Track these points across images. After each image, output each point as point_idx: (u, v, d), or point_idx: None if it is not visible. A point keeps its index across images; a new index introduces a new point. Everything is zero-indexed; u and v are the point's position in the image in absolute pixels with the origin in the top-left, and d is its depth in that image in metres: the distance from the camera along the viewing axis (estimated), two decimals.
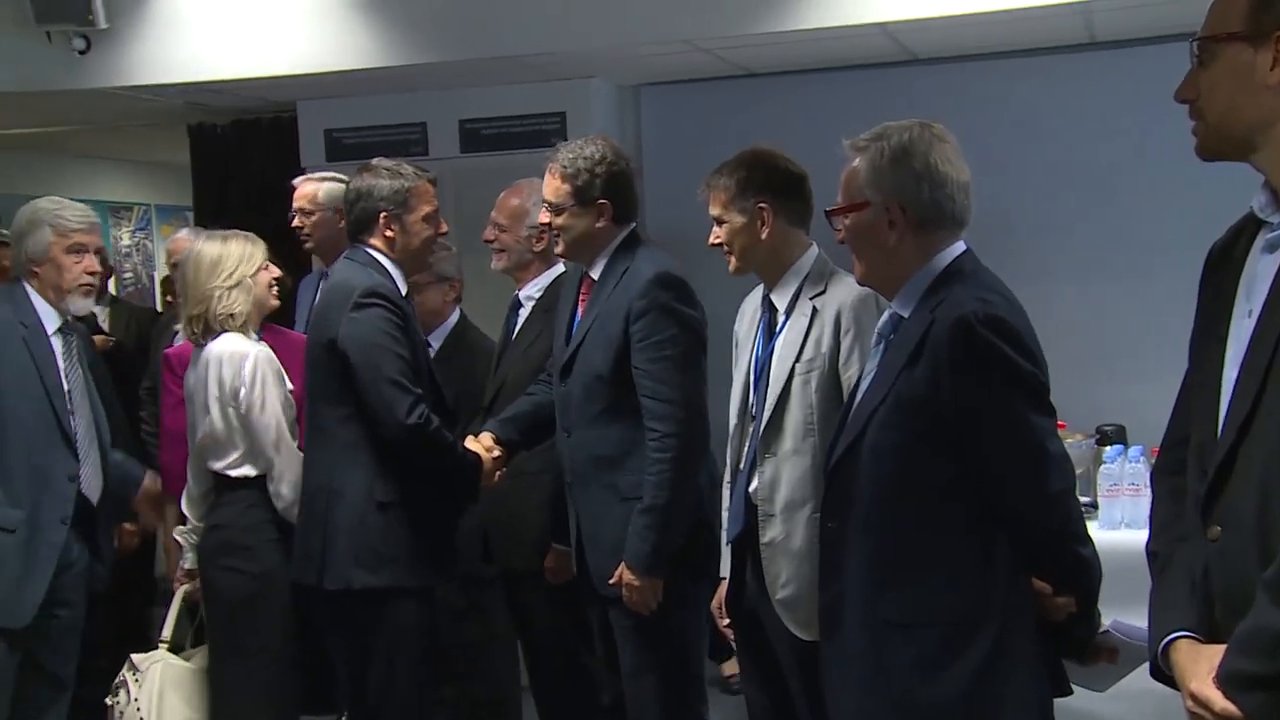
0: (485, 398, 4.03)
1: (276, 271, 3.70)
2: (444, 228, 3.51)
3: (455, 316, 4.31)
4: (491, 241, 4.03)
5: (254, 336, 3.61)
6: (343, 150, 5.81)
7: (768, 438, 3.04)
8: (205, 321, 3.55)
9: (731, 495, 3.15)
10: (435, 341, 4.15)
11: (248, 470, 3.52)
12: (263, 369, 3.49)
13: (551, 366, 3.59)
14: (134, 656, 3.73)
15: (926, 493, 2.23)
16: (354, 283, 3.32)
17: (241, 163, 6.44)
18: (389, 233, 3.40)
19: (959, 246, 2.36)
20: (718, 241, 3.13)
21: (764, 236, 3.09)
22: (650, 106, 5.94)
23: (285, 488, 3.50)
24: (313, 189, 4.51)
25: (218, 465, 3.55)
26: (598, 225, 3.40)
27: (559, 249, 3.51)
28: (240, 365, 3.48)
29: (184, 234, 5.06)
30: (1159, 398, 2.26)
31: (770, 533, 3.03)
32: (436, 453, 3.32)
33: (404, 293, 3.41)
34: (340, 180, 4.68)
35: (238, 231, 3.66)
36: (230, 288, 3.55)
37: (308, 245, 4.54)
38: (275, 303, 3.72)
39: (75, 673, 3.80)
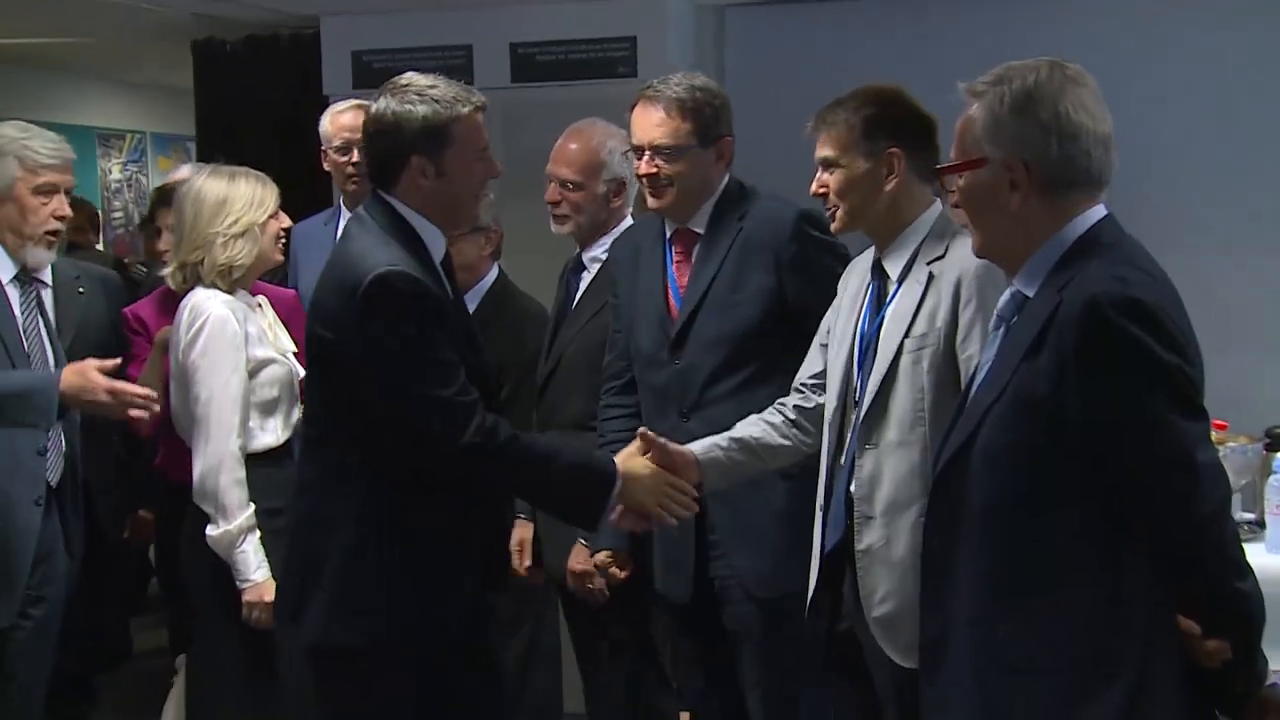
0: (539, 375, 4.04)
1: (286, 221, 3.72)
2: (496, 169, 3.11)
3: (493, 273, 4.32)
4: (557, 203, 4.02)
5: (244, 296, 3.63)
6: (372, 76, 5.79)
7: (869, 425, 3.05)
8: (197, 271, 3.56)
9: (829, 495, 3.15)
10: (470, 304, 4.11)
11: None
12: (212, 336, 3.48)
13: (616, 350, 3.67)
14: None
15: (1048, 510, 2.21)
16: (364, 262, 2.88)
17: (253, 87, 6.49)
18: (422, 181, 2.95)
19: (1097, 211, 2.33)
20: (823, 191, 3.13)
21: (889, 188, 3.09)
22: (736, 30, 5.93)
23: (207, 501, 3.47)
24: (359, 119, 4.52)
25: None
26: (716, 169, 3.52)
27: (662, 201, 3.54)
28: (190, 323, 3.51)
29: (185, 170, 5.13)
30: None
31: (868, 538, 3.04)
32: (513, 470, 2.96)
33: (439, 259, 3.03)
34: None
35: (248, 170, 3.65)
36: (235, 236, 3.55)
37: (354, 189, 4.56)
38: (279, 258, 3.76)
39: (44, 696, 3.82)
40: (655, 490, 3.09)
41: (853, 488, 3.07)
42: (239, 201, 3.56)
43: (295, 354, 3.63)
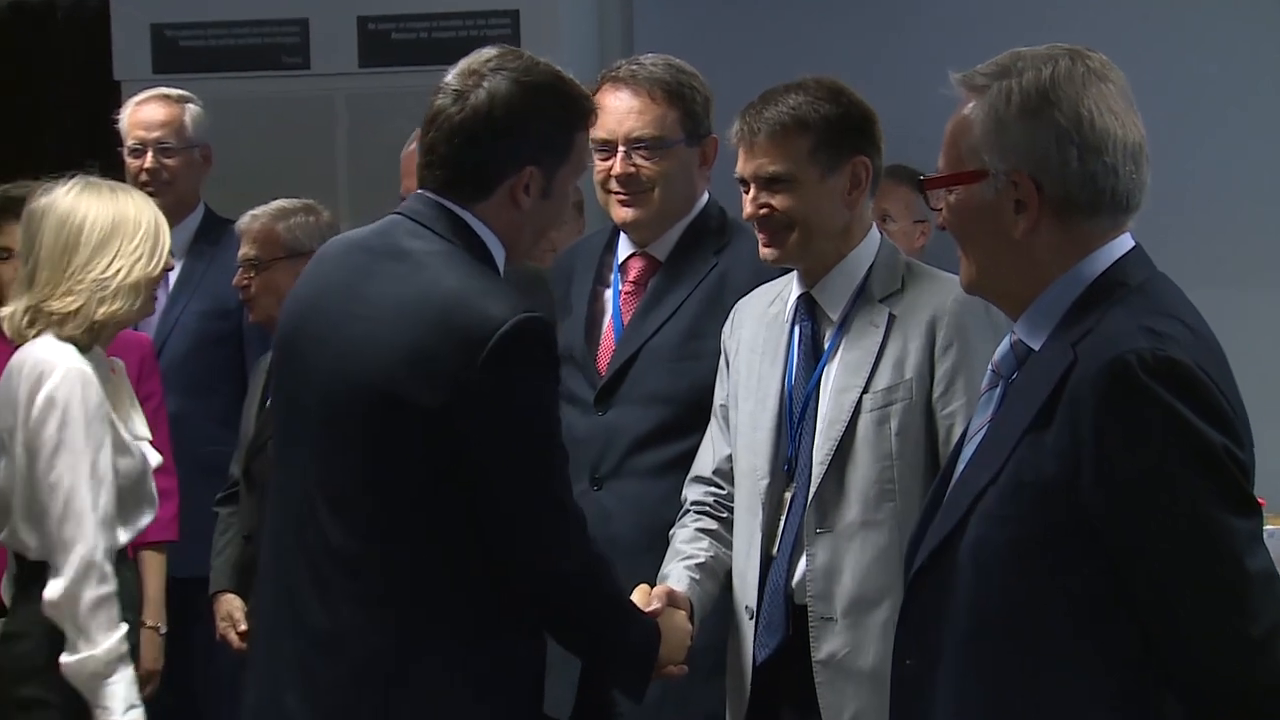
0: None
1: (172, 261, 3.67)
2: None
3: None
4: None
5: (98, 356, 3.51)
6: (177, 56, 5.77)
7: (822, 505, 3.09)
8: (54, 320, 3.43)
9: (761, 593, 3.16)
10: None
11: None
12: (72, 404, 3.36)
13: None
14: None
15: (1056, 627, 2.18)
16: (480, 302, 2.69)
17: (18, 68, 6.42)
18: (524, 198, 2.79)
19: (1122, 243, 2.29)
20: (764, 212, 3.16)
21: (851, 207, 3.17)
22: (648, 5, 6.02)
23: (66, 621, 3.36)
24: (172, 112, 4.60)
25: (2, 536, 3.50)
26: (700, 176, 3.60)
27: (641, 211, 3.56)
28: (34, 386, 3.38)
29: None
30: None
31: (829, 645, 3.06)
32: (595, 611, 2.92)
33: None
34: (189, 100, 4.78)
35: (136, 192, 3.57)
36: (122, 287, 3.43)
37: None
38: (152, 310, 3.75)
39: None
40: (681, 646, 3.09)
41: (797, 583, 3.10)
42: (133, 242, 3.46)
43: (152, 440, 3.60)
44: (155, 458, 3.59)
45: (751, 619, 3.18)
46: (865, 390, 3.10)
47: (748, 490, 3.22)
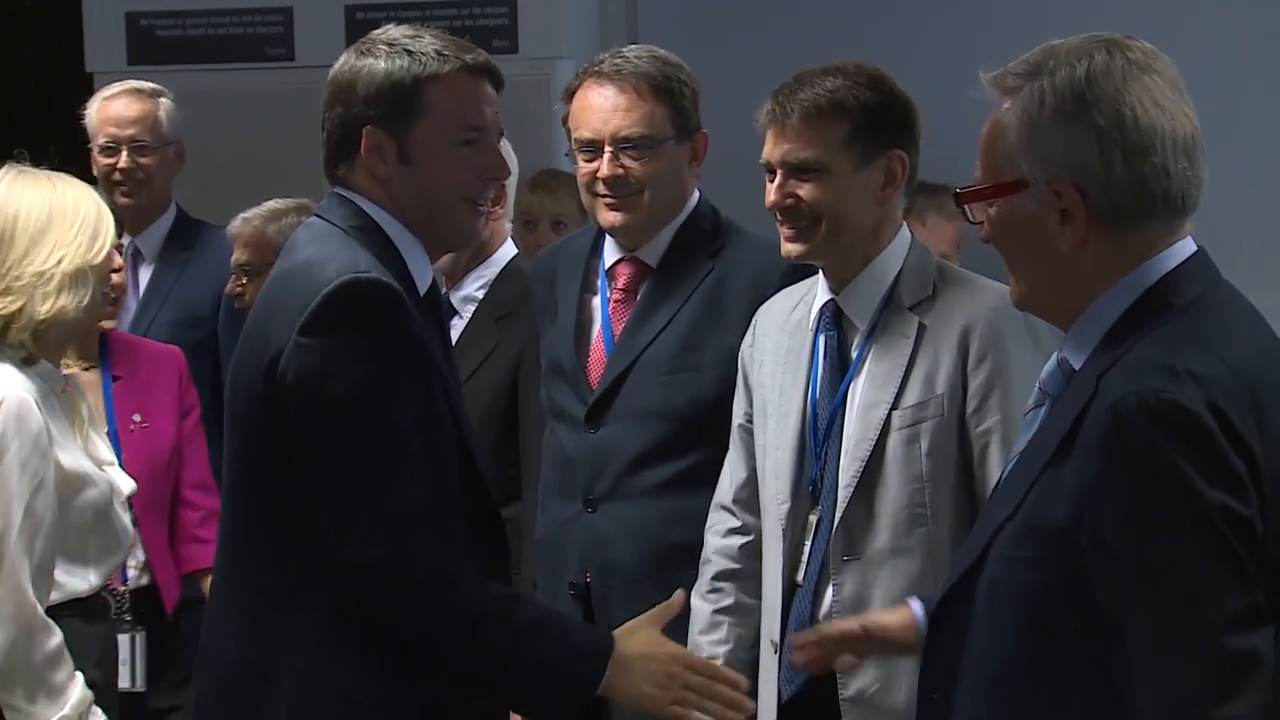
0: None
1: (118, 261, 3.56)
2: (500, 165, 2.83)
3: None
4: None
5: (46, 370, 3.32)
6: (155, 47, 5.79)
7: (848, 532, 3.03)
8: None
9: (785, 624, 3.10)
10: None
11: None
12: (6, 435, 3.15)
13: (522, 412, 3.65)
14: None
15: (1064, 686, 2.11)
16: (321, 269, 2.60)
17: None
18: (380, 166, 2.69)
19: (1181, 250, 2.18)
20: (790, 203, 3.06)
21: (883, 204, 3.10)
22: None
23: (14, 687, 3.16)
24: (146, 108, 4.50)
25: None
26: (690, 174, 3.51)
27: (630, 216, 3.45)
28: None
29: None
30: None
31: (858, 681, 3.00)
32: (434, 621, 2.63)
33: (424, 286, 2.75)
34: (162, 94, 4.68)
35: (68, 177, 3.40)
36: (64, 281, 3.22)
37: (126, 202, 4.57)
38: (109, 323, 3.73)
39: None
40: (660, 676, 2.71)
41: (824, 614, 3.04)
42: (72, 230, 3.26)
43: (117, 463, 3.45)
44: (127, 484, 3.43)
45: (776, 652, 3.13)
46: (894, 406, 3.04)
47: (773, 516, 3.16)
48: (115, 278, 3.71)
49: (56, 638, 3.20)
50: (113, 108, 4.64)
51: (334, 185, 2.75)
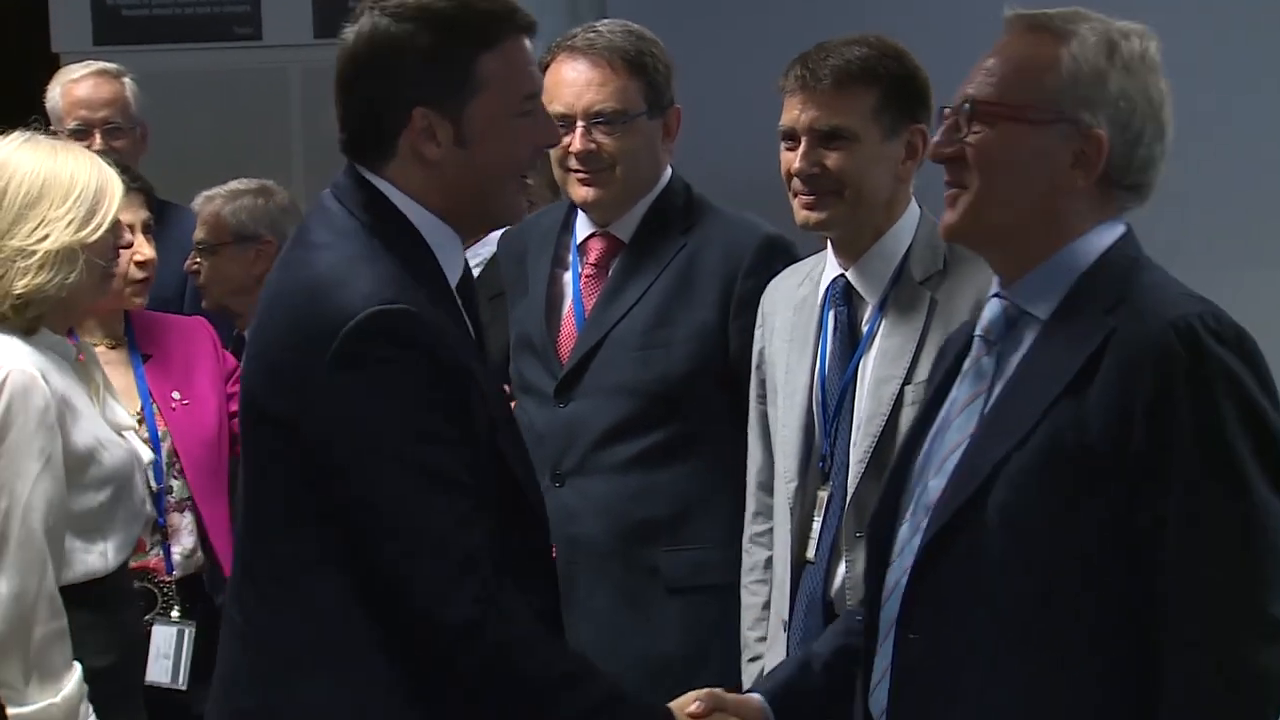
0: None
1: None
2: (556, 133, 2.68)
3: None
4: None
5: (53, 340, 3.24)
6: (122, 27, 5.77)
7: (860, 507, 3.00)
8: None
9: (793, 603, 3.12)
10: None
11: None
12: (11, 411, 3.09)
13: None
14: None
15: (1100, 607, 2.18)
16: (340, 290, 2.38)
17: None
18: (430, 150, 2.43)
19: (1120, 227, 2.32)
20: (815, 171, 3.05)
21: (902, 179, 3.11)
22: None
23: (9, 665, 3.10)
24: (116, 89, 4.48)
25: None
26: (664, 150, 3.49)
27: (603, 192, 3.42)
28: None
29: None
30: None
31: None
32: (509, 688, 2.43)
33: (456, 279, 2.53)
34: (126, 74, 4.64)
35: (82, 150, 3.34)
36: (48, 259, 3.12)
37: None
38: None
39: None
40: None
41: (836, 591, 3.04)
42: (64, 206, 3.15)
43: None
44: (146, 453, 3.39)
45: (785, 631, 3.14)
46: (907, 381, 3.03)
47: (782, 493, 3.18)
48: (142, 254, 3.68)
49: (60, 621, 3.13)
50: (81, 89, 4.60)
51: (355, 163, 2.48)
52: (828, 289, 3.14)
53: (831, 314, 3.13)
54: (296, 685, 2.40)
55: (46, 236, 3.12)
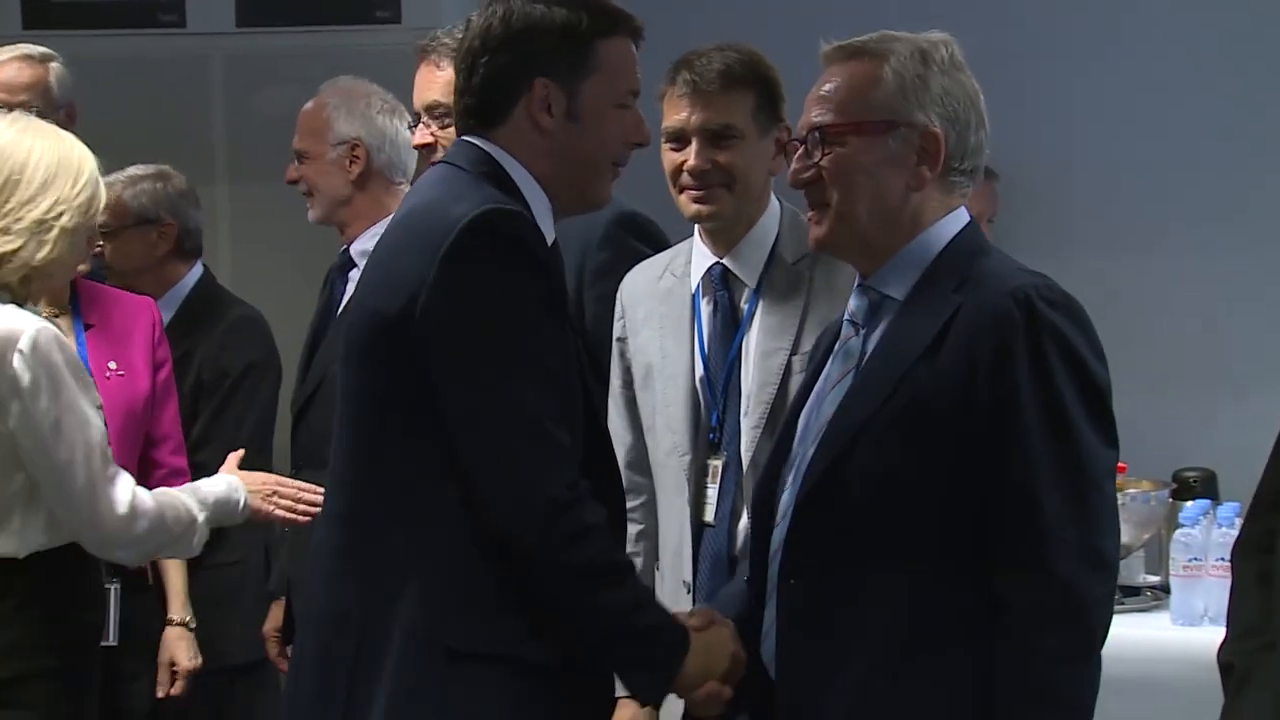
0: (293, 402, 4.14)
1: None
2: (646, 132, 2.75)
3: (195, 275, 4.47)
4: (296, 182, 4.14)
5: (38, 312, 3.31)
6: (49, 12, 5.67)
7: (759, 469, 2.97)
8: None
9: (697, 562, 3.20)
10: (165, 315, 4.20)
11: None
12: (58, 366, 3.14)
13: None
14: None
15: (955, 547, 2.39)
16: (451, 207, 2.51)
17: None
18: (545, 119, 2.60)
19: (964, 213, 2.54)
20: (709, 167, 3.16)
21: (773, 172, 3.23)
22: None
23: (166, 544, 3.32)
24: (37, 73, 4.46)
25: None
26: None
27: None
28: (6, 353, 3.11)
29: None
30: (1268, 432, 2.38)
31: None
32: (588, 586, 2.50)
33: (551, 241, 2.62)
34: (52, 58, 4.65)
35: (67, 133, 3.38)
36: (63, 231, 3.18)
37: None
38: (84, 268, 3.61)
39: None
40: (722, 662, 2.63)
41: (740, 548, 3.13)
42: (76, 187, 3.22)
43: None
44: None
45: (689, 593, 3.21)
46: (793, 352, 3.16)
47: (672, 469, 3.25)
48: None
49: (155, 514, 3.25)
50: (3, 74, 4.50)
51: (464, 134, 2.65)
52: (704, 276, 3.26)
53: (709, 299, 3.26)
54: (396, 593, 2.49)
55: (62, 214, 3.19)
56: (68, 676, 3.23)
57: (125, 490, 3.20)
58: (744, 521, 3.13)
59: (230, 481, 3.37)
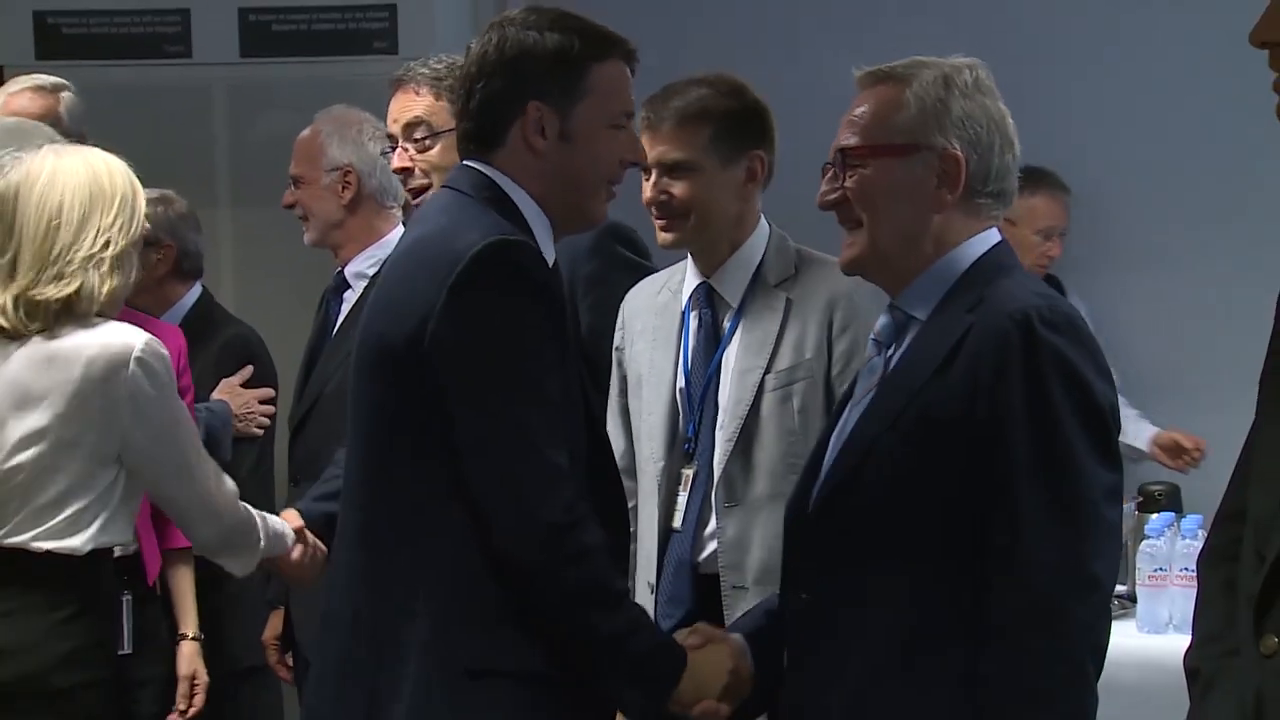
0: (290, 419, 4.20)
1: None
2: (642, 152, 2.86)
3: (193, 295, 4.54)
4: (292, 207, 4.21)
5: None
6: (61, 43, 5.70)
7: (730, 481, 3.24)
8: (50, 305, 3.10)
9: (661, 569, 3.27)
10: None
11: (73, 541, 3.12)
12: (162, 365, 3.16)
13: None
14: None
15: (959, 555, 2.40)
16: (459, 237, 2.56)
17: None
18: (538, 141, 2.66)
19: (994, 234, 2.55)
20: (664, 198, 3.25)
21: (745, 199, 3.31)
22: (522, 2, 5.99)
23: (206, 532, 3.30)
24: (48, 103, 4.48)
25: None
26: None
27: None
28: (118, 369, 3.10)
29: None
30: (1232, 447, 2.32)
31: (741, 610, 3.11)
32: (584, 609, 2.55)
33: (551, 262, 2.68)
34: (64, 88, 4.70)
35: (91, 149, 3.30)
36: (113, 260, 3.13)
37: None
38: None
39: None
40: (717, 681, 2.65)
41: (704, 557, 3.24)
42: (111, 214, 3.15)
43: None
44: None
45: (652, 593, 3.28)
46: (768, 371, 3.24)
47: (649, 473, 3.34)
48: None
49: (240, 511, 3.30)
50: (14, 105, 4.47)
51: (465, 159, 2.71)
52: (691, 294, 3.35)
53: (695, 315, 3.34)
54: (407, 608, 2.54)
55: (107, 243, 3.13)
56: (110, 686, 3.24)
57: (231, 483, 3.29)
58: (711, 528, 3.23)
59: (287, 528, 3.38)
